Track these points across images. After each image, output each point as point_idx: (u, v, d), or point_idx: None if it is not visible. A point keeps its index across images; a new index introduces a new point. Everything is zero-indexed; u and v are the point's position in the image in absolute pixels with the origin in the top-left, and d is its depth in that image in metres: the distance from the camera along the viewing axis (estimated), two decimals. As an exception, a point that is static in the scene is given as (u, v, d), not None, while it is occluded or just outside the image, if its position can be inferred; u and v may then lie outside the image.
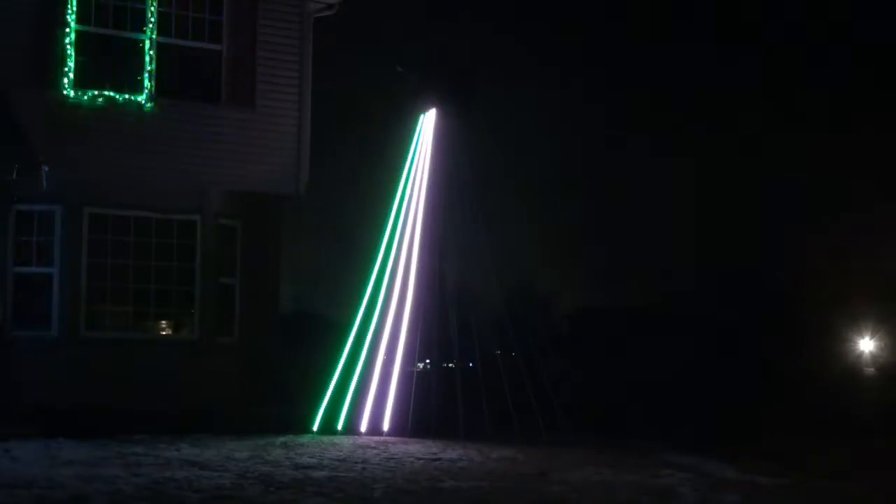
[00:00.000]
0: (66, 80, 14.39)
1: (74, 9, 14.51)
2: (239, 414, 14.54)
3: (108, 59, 14.86)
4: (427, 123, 15.98)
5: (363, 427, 14.76)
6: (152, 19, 14.96)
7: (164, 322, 15.02)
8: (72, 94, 14.41)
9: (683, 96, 52.95)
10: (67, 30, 14.45)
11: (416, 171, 15.82)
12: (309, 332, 24.60)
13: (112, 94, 14.62)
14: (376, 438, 14.04)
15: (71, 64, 14.43)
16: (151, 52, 14.93)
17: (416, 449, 12.79)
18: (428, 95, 15.90)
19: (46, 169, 13.64)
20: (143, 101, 14.82)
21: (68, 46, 14.43)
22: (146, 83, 14.87)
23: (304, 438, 13.77)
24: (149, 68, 14.89)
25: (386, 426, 14.71)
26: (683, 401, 21.41)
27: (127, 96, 14.72)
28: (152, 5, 14.96)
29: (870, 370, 38.17)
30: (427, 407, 15.16)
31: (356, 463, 11.19)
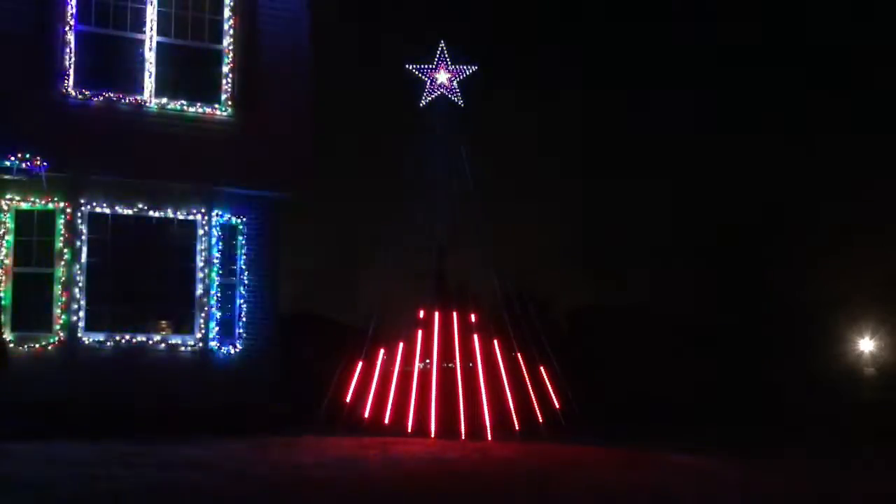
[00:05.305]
0: (66, 80, 14.39)
1: (75, 9, 14.51)
2: (239, 414, 14.53)
3: (108, 59, 14.85)
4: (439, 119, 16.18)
5: (364, 427, 14.77)
6: (152, 19, 14.96)
7: (164, 322, 15.00)
8: (72, 93, 14.42)
9: (682, 95, 52.84)
10: (68, 29, 14.45)
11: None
12: (309, 332, 24.60)
13: (112, 94, 14.62)
14: (376, 438, 14.04)
15: (71, 64, 14.43)
16: (151, 52, 14.93)
17: (416, 449, 12.79)
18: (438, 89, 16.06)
19: (46, 168, 13.65)
20: (144, 101, 14.82)
21: (68, 46, 14.43)
22: (146, 83, 14.87)
23: (305, 438, 13.76)
24: (149, 68, 14.89)
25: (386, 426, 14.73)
26: (683, 401, 21.40)
27: (127, 96, 14.71)
28: (152, 5, 14.96)
29: (870, 370, 38.16)
30: (428, 407, 15.18)
31: (356, 463, 11.19)
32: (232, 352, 15.22)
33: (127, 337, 14.48)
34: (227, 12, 15.44)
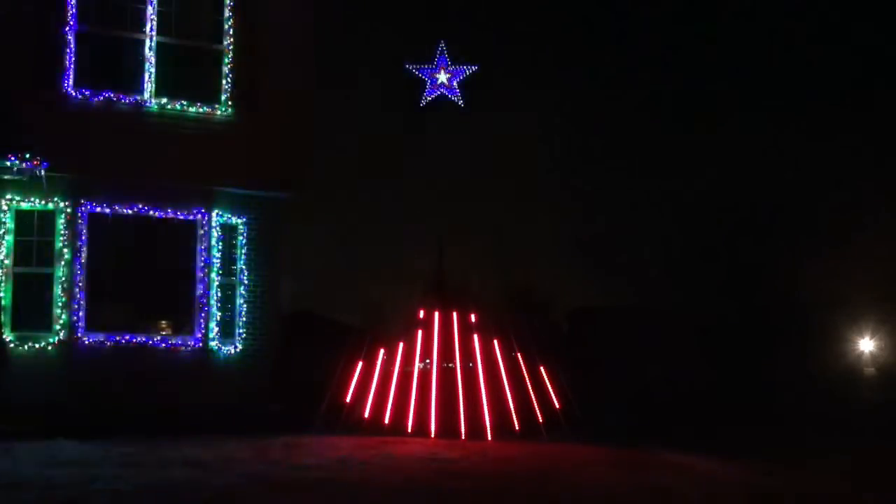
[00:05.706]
0: (66, 80, 14.40)
1: (75, 9, 14.52)
2: (239, 414, 14.53)
3: (109, 59, 14.86)
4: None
5: (363, 427, 14.77)
6: (152, 19, 14.96)
7: (164, 322, 15.01)
8: (72, 93, 14.42)
9: (682, 94, 52.84)
10: (68, 29, 14.46)
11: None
12: (309, 332, 24.59)
13: (112, 93, 14.62)
14: (376, 438, 14.04)
15: (71, 64, 14.44)
16: (151, 52, 14.93)
17: (416, 449, 12.79)
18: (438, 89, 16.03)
19: (46, 168, 13.65)
20: (144, 101, 14.82)
21: (69, 46, 14.44)
22: (146, 83, 14.88)
23: (304, 438, 13.76)
24: (149, 68, 14.90)
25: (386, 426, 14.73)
26: (683, 401, 21.40)
27: (127, 96, 14.72)
28: (152, 5, 14.97)
29: (870, 370, 38.14)
30: (428, 407, 15.18)
31: (356, 463, 11.18)
32: (232, 352, 15.22)
33: (127, 337, 14.48)
34: (227, 12, 15.44)
